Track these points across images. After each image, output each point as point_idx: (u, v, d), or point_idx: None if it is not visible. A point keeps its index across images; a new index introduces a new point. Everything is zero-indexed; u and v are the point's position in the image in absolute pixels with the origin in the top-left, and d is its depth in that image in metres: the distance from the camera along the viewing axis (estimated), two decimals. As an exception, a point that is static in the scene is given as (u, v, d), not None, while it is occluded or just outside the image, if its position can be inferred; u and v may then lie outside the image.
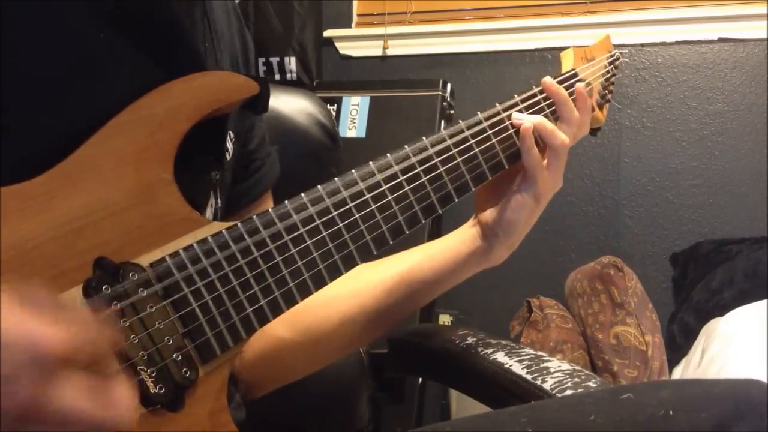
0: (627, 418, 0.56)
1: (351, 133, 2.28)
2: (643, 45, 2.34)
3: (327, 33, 2.58)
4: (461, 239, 0.85)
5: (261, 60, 2.51)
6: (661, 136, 2.33)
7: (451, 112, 2.27)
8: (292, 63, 2.50)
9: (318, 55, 2.56)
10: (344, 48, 2.60)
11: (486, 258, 0.84)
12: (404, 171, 0.70)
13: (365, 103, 2.30)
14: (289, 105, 1.21)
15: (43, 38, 0.55)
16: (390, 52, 2.54)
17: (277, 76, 2.51)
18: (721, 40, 2.27)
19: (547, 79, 0.84)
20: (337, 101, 2.33)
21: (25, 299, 0.41)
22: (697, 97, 2.30)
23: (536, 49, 2.39)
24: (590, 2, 2.39)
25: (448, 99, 2.26)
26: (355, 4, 2.62)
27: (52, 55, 0.55)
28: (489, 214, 0.83)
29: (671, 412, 0.55)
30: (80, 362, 0.42)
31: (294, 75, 2.50)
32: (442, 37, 2.50)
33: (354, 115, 2.30)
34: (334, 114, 2.30)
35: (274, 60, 2.50)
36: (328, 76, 2.60)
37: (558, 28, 2.37)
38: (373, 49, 2.57)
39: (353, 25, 2.62)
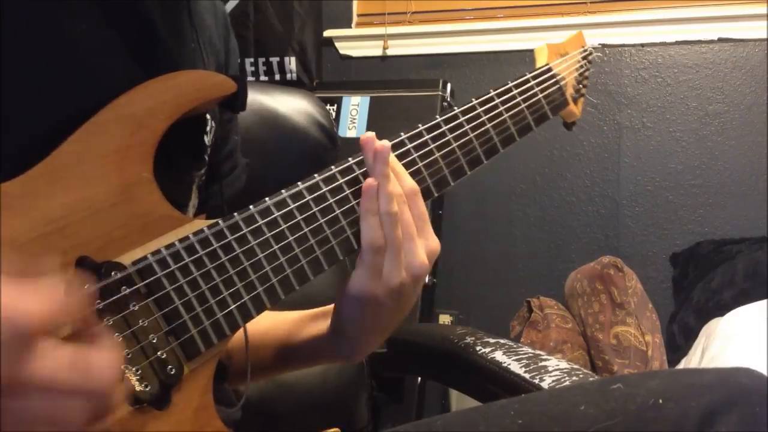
0: (617, 408, 0.56)
1: (351, 133, 2.28)
2: (643, 45, 2.34)
3: (327, 33, 2.58)
4: (315, 318, 0.79)
5: (261, 60, 2.51)
6: (661, 136, 2.33)
7: (451, 112, 2.27)
8: (292, 63, 2.50)
9: (318, 55, 2.56)
10: (344, 48, 2.60)
11: (334, 350, 0.76)
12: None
13: (365, 103, 2.30)
14: (288, 105, 1.21)
15: (24, 32, 0.55)
16: (390, 52, 2.54)
17: (277, 76, 2.51)
18: (721, 40, 2.27)
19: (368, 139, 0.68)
20: (337, 101, 2.33)
21: None
22: (697, 97, 2.30)
23: (536, 49, 2.39)
24: (590, 2, 2.39)
25: (448, 99, 2.27)
26: (355, 4, 2.62)
27: (33, 48, 0.55)
28: None
29: (661, 401, 0.55)
30: (60, 330, 0.42)
31: (294, 75, 2.50)
32: (442, 37, 2.50)
33: (354, 115, 2.30)
34: (334, 114, 2.30)
35: (274, 60, 2.51)
36: (328, 76, 2.60)
37: (558, 28, 2.36)
38: (373, 49, 2.57)
39: (353, 25, 2.63)
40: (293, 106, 1.22)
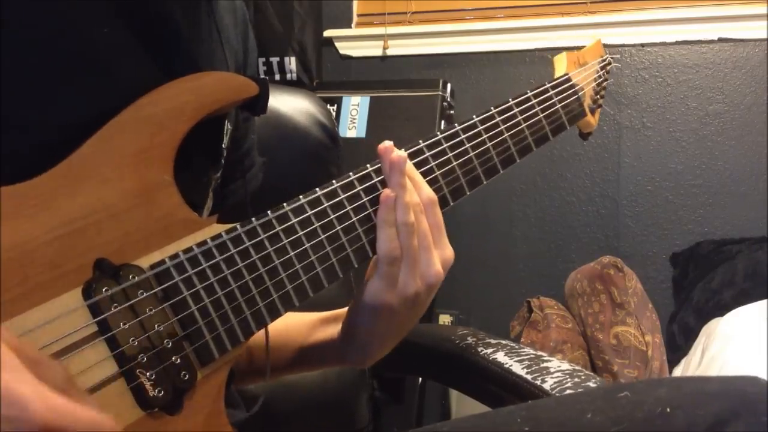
0: (624, 416, 0.56)
1: (351, 133, 2.28)
2: (643, 45, 2.34)
3: (327, 33, 2.58)
4: (326, 322, 0.80)
5: (261, 60, 2.51)
6: (661, 136, 2.33)
7: (451, 112, 2.27)
8: (292, 63, 2.50)
9: (318, 55, 2.56)
10: (344, 48, 2.60)
11: (344, 354, 0.76)
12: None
13: (365, 103, 2.30)
14: (290, 105, 1.21)
15: (43, 33, 0.54)
16: (390, 52, 2.54)
17: (277, 76, 2.51)
18: (721, 40, 2.28)
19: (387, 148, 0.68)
20: (337, 101, 2.33)
21: (36, 363, 0.40)
22: (697, 97, 2.30)
23: (536, 49, 2.40)
24: (590, 2, 2.39)
25: (448, 99, 2.27)
26: (355, 4, 2.62)
27: (53, 49, 0.55)
28: None
29: (668, 410, 0.55)
30: None
31: (294, 75, 2.50)
32: (442, 37, 2.50)
33: (354, 115, 2.30)
34: (334, 114, 2.30)
35: (274, 60, 2.50)
36: (328, 76, 2.60)
37: (558, 28, 2.37)
38: (373, 49, 2.57)
39: (353, 25, 2.62)
40: (294, 105, 1.22)
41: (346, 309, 0.76)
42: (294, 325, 0.82)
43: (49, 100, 0.55)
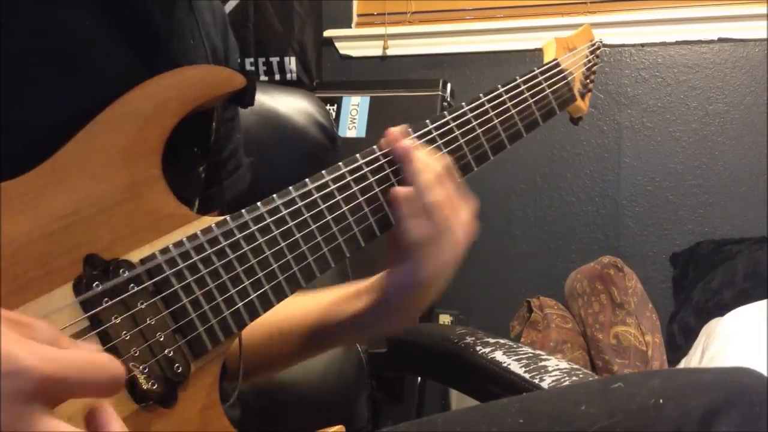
0: (618, 407, 0.56)
1: (351, 133, 2.28)
2: (643, 45, 2.34)
3: (327, 33, 2.58)
4: (357, 296, 0.80)
5: (261, 60, 2.52)
6: (661, 136, 2.33)
7: (451, 112, 2.27)
8: (292, 63, 2.50)
9: (318, 55, 2.56)
10: (344, 48, 2.60)
11: (378, 325, 0.79)
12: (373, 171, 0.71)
13: (365, 103, 2.30)
14: (288, 105, 1.21)
15: (25, 30, 0.54)
16: (390, 52, 2.54)
17: (277, 76, 2.51)
18: (721, 40, 2.27)
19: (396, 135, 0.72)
20: (337, 101, 2.33)
21: (21, 325, 0.40)
22: (697, 97, 2.30)
23: (536, 49, 2.38)
24: (590, 2, 2.39)
25: (448, 99, 2.26)
26: (355, 4, 2.62)
27: (35, 47, 0.55)
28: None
29: (662, 401, 0.55)
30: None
31: (294, 75, 2.50)
32: (442, 37, 2.50)
33: (354, 115, 2.30)
34: (333, 114, 2.30)
35: (274, 60, 2.51)
36: (328, 76, 2.60)
37: (558, 28, 2.36)
38: (373, 49, 2.57)
39: (353, 25, 2.63)
40: (293, 106, 1.22)
41: (357, 287, 0.76)
42: (309, 308, 0.81)
43: (32, 99, 0.55)
